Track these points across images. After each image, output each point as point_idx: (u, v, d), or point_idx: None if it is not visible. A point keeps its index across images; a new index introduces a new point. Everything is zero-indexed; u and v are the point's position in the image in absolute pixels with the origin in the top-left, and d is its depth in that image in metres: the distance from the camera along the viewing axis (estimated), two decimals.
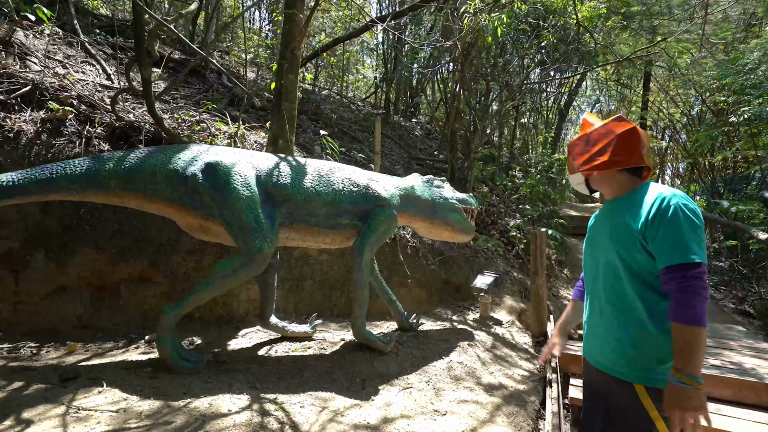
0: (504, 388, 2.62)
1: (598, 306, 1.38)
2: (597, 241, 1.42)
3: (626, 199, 1.34)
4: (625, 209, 1.31)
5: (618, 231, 1.30)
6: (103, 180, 2.38)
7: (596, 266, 1.40)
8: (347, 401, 2.19)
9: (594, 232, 1.47)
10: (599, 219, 1.46)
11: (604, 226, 1.39)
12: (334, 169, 2.78)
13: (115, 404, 1.88)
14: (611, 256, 1.31)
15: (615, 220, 1.33)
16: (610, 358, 1.31)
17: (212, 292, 2.34)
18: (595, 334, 1.39)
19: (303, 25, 3.94)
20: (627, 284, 1.27)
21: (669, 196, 1.21)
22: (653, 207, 1.21)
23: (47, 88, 3.33)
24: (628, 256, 1.26)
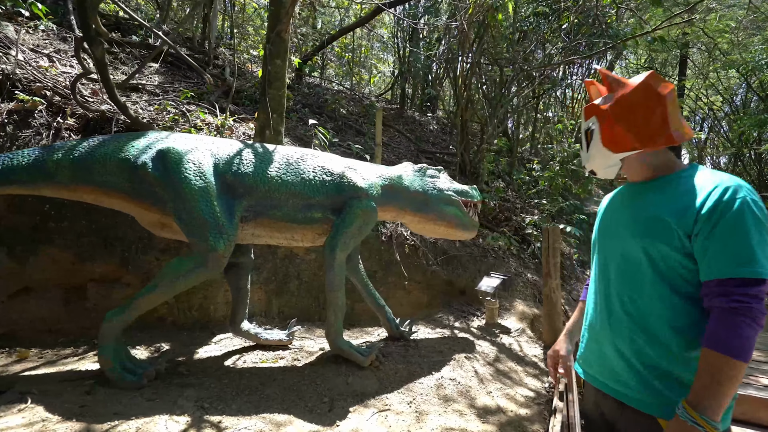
0: (502, 412, 2.21)
1: (607, 312, 1.08)
2: (612, 232, 1.12)
3: (663, 183, 1.04)
4: (661, 196, 1.01)
5: (648, 222, 1.00)
6: (51, 171, 2.15)
7: (607, 262, 1.11)
8: (305, 426, 1.85)
9: (608, 220, 1.16)
10: (616, 205, 1.16)
11: (625, 213, 1.09)
12: (305, 156, 2.45)
13: (29, 426, 1.63)
14: (634, 251, 1.02)
15: (645, 208, 1.03)
16: (622, 380, 1.02)
17: (160, 295, 2.06)
18: (599, 346, 1.10)
19: (289, 6, 3.65)
20: (650, 289, 0.99)
21: (733, 187, 0.90)
22: (710, 198, 0.91)
23: (20, 79, 3.18)
24: (657, 254, 0.97)
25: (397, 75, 10.52)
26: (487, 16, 4.68)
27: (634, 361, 1.00)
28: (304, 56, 7.80)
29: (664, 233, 0.96)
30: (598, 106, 1.09)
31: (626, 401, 1.01)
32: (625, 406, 1.01)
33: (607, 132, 1.06)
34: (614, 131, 1.05)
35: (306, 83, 8.00)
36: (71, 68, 3.96)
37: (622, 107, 1.04)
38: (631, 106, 1.03)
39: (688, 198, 0.95)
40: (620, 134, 1.04)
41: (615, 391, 1.04)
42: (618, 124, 1.04)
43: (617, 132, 1.04)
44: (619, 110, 1.04)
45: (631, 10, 5.14)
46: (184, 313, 3.05)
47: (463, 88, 5.98)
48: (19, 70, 3.24)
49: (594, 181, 6.70)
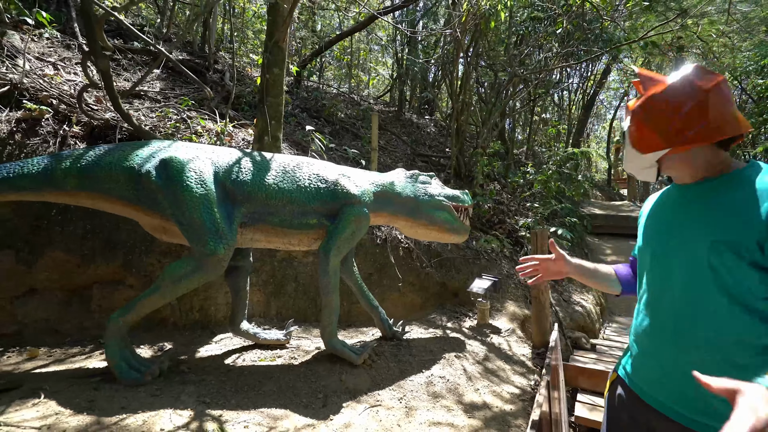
0: (488, 408, 2.33)
1: (675, 331, 0.97)
2: (670, 243, 1.01)
3: (722, 183, 0.94)
4: (721, 198, 0.93)
5: (712, 230, 0.91)
6: (58, 179, 2.27)
7: (667, 274, 1.01)
8: (301, 420, 1.97)
9: (661, 228, 1.05)
10: (667, 209, 1.06)
11: (683, 222, 0.99)
12: (301, 165, 2.57)
13: (43, 419, 1.74)
14: (698, 263, 0.92)
15: (704, 212, 0.94)
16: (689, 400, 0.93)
17: (162, 297, 2.18)
18: (657, 363, 1.01)
19: (287, 15, 3.77)
20: (718, 306, 0.90)
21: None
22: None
23: (27, 88, 3.30)
24: (721, 264, 0.88)
25: (395, 78, 10.65)
26: (480, 23, 4.79)
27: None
28: (303, 60, 7.93)
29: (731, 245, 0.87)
30: (630, 105, 1.05)
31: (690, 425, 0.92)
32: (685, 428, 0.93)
33: (634, 131, 1.02)
34: (641, 130, 1.01)
35: (304, 87, 8.12)
36: (75, 76, 4.08)
37: (650, 105, 1.00)
38: (658, 103, 0.98)
39: (752, 201, 0.86)
40: (646, 133, 0.99)
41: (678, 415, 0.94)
42: (645, 123, 1.00)
43: (644, 131, 1.00)
44: (647, 108, 1.00)
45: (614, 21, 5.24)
46: (185, 314, 3.16)
47: (458, 92, 6.10)
48: (26, 79, 3.36)
49: (587, 183, 6.81)
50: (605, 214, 9.44)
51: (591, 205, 10.45)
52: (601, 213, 9.48)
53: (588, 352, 3.81)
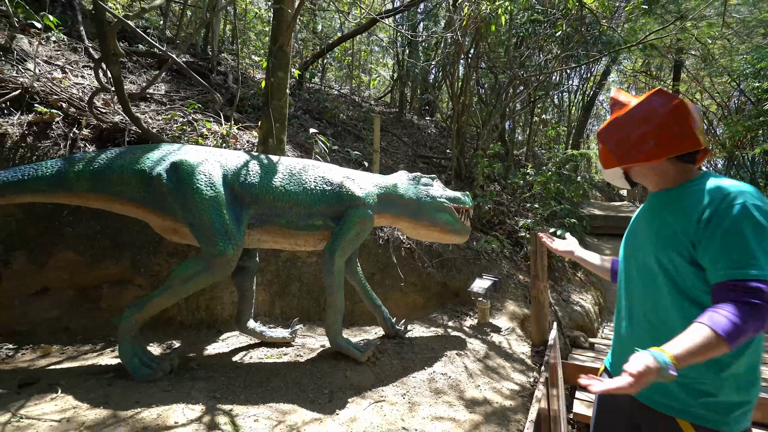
0: (488, 403, 2.40)
1: (630, 317, 1.15)
2: (636, 241, 1.18)
3: (676, 192, 1.08)
4: (676, 206, 1.05)
5: (660, 231, 1.05)
6: (71, 181, 2.34)
7: (631, 270, 1.17)
8: (308, 415, 2.04)
9: (635, 229, 1.22)
10: (643, 214, 1.21)
11: (646, 223, 1.15)
12: (307, 168, 2.64)
13: (62, 413, 1.82)
14: (649, 260, 1.08)
15: (661, 218, 1.08)
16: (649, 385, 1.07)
17: (173, 296, 2.25)
18: (625, 349, 1.15)
19: (291, 20, 3.84)
20: (666, 297, 1.03)
21: (733, 192, 0.95)
22: (710, 205, 0.96)
23: (38, 92, 3.37)
24: (669, 263, 1.02)
25: (396, 79, 10.72)
26: (481, 27, 4.87)
27: None
28: (305, 62, 8.00)
29: (673, 243, 1.00)
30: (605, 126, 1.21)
31: (651, 404, 1.08)
32: (651, 409, 1.08)
33: (599, 150, 1.22)
34: (601, 150, 1.19)
35: (306, 88, 8.19)
36: (83, 79, 4.15)
37: (610, 128, 1.16)
38: (616, 127, 1.14)
39: (691, 207, 0.99)
40: (605, 152, 1.18)
41: (642, 395, 1.09)
42: (604, 143, 1.18)
43: (603, 150, 1.19)
44: (607, 131, 1.17)
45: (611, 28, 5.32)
46: (192, 313, 3.23)
47: (459, 94, 6.17)
48: (37, 83, 3.43)
49: (587, 184, 6.89)
50: (605, 214, 9.52)
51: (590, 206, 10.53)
52: (601, 213, 9.56)
53: (586, 350, 3.88)
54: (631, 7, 5.83)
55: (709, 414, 0.99)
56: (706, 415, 1.00)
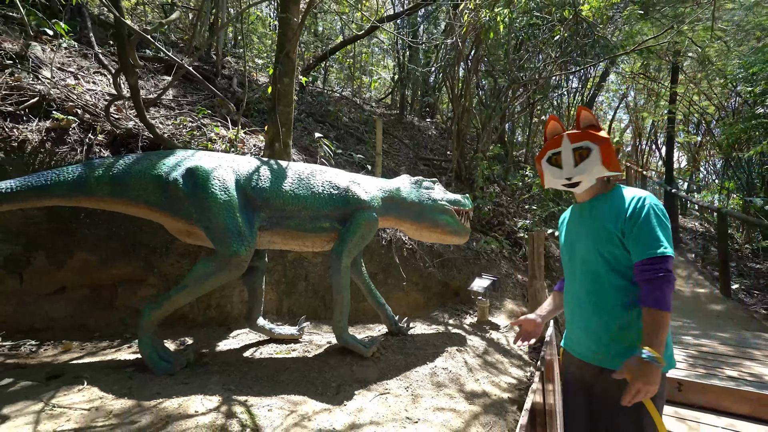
0: (487, 396, 2.54)
1: (578, 301, 1.45)
2: (575, 241, 1.49)
3: (603, 200, 1.43)
4: (604, 210, 1.40)
5: (598, 230, 1.38)
6: (92, 186, 2.47)
7: (574, 264, 1.47)
8: (318, 405, 2.17)
9: (571, 233, 1.53)
10: (575, 220, 1.53)
11: (582, 226, 1.47)
12: (315, 172, 2.78)
13: (90, 402, 1.95)
14: (591, 254, 1.39)
15: (595, 220, 1.41)
16: (593, 348, 1.40)
17: (189, 295, 2.39)
18: (576, 328, 1.47)
19: (297, 28, 3.98)
20: (605, 279, 1.36)
21: (643, 198, 1.33)
22: (630, 207, 1.33)
23: (54, 99, 3.51)
24: (607, 252, 1.35)
25: (397, 81, 10.85)
26: (480, 33, 5.00)
27: (602, 334, 1.37)
28: (307, 66, 8.13)
29: (608, 237, 1.35)
30: (596, 133, 1.41)
31: (602, 365, 1.37)
32: (602, 369, 1.37)
33: (606, 154, 1.38)
34: (611, 156, 1.39)
35: (309, 91, 8.33)
36: (94, 85, 4.29)
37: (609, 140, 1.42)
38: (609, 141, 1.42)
39: (618, 209, 1.35)
40: (615, 159, 1.40)
41: (588, 357, 1.42)
42: (612, 149, 1.40)
43: (612, 156, 1.40)
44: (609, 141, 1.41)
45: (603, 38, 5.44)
46: (203, 311, 3.37)
47: (459, 96, 6.31)
48: (53, 90, 3.57)
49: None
50: None
51: None
52: None
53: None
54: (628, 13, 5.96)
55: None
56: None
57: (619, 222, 1.33)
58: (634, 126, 17.13)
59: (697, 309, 5.53)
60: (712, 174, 15.01)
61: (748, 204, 7.56)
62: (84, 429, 1.74)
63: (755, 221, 5.57)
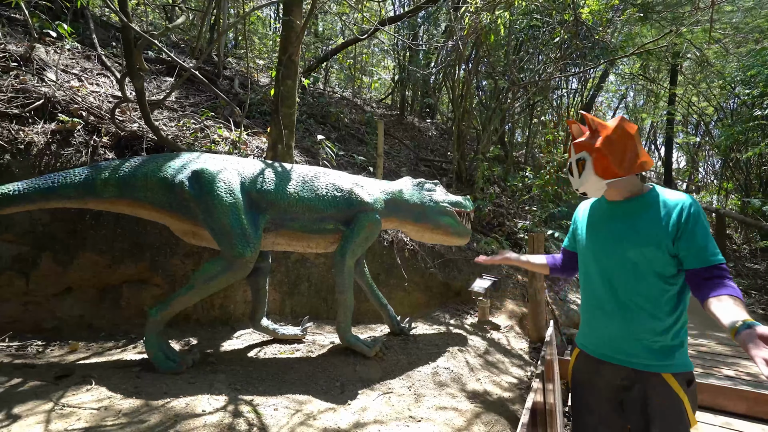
0: (488, 395, 2.58)
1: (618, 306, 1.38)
2: (608, 244, 1.41)
3: (643, 202, 1.37)
4: (647, 213, 1.34)
5: (643, 234, 1.33)
6: (99, 188, 2.51)
7: (601, 266, 1.42)
8: (323, 405, 2.21)
9: (597, 232, 1.46)
10: (602, 219, 1.46)
11: (613, 226, 1.41)
12: (319, 175, 2.81)
13: (99, 402, 1.99)
14: (636, 258, 1.34)
15: (632, 222, 1.36)
16: (630, 352, 1.35)
17: (196, 295, 2.42)
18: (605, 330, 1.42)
19: (299, 31, 4.01)
20: (651, 282, 1.32)
21: (690, 202, 1.30)
22: (683, 213, 1.28)
23: (59, 101, 3.54)
24: (653, 256, 1.31)
25: (397, 82, 10.88)
26: (481, 35, 5.04)
27: (641, 337, 1.33)
28: (308, 67, 8.16)
29: (656, 241, 1.30)
30: (589, 143, 1.40)
31: (640, 368, 1.34)
32: (638, 371, 1.34)
33: (598, 164, 1.37)
34: (604, 163, 1.36)
35: (310, 92, 8.36)
36: (98, 87, 4.32)
37: (608, 144, 1.35)
38: (613, 143, 1.35)
39: (661, 213, 1.31)
40: (609, 165, 1.36)
41: (629, 362, 1.35)
42: (606, 157, 1.35)
43: (607, 163, 1.36)
44: (606, 147, 1.36)
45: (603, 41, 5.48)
46: (207, 311, 3.41)
47: (459, 100, 6.35)
48: (58, 92, 3.60)
49: None
50: None
51: None
52: None
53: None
54: (627, 16, 6.01)
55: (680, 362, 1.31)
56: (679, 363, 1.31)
57: (668, 227, 1.29)
58: None
59: (695, 309, 5.57)
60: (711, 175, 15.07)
61: (746, 205, 7.61)
62: (94, 428, 1.77)
63: (753, 222, 5.61)
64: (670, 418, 1.29)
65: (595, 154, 1.37)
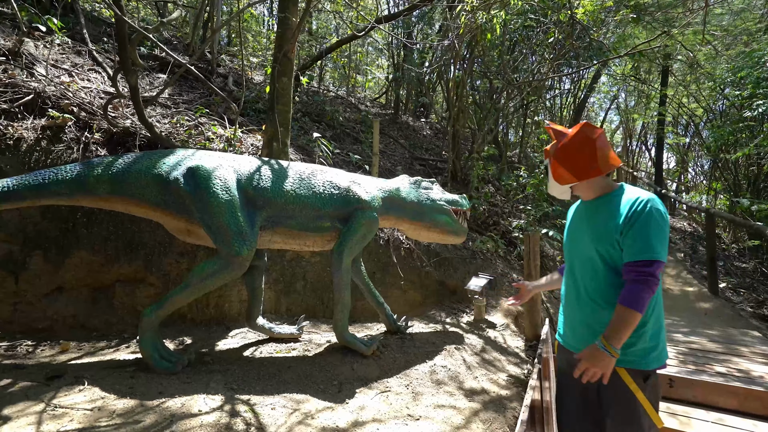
0: (486, 393, 2.58)
1: (577, 298, 1.49)
2: (577, 240, 1.53)
3: (606, 200, 1.45)
4: (606, 210, 1.42)
5: (599, 230, 1.41)
6: (91, 185, 2.46)
7: (575, 262, 1.52)
8: (320, 404, 2.19)
9: (573, 231, 1.58)
10: (577, 219, 1.57)
11: (583, 225, 1.50)
12: (315, 172, 2.79)
13: (92, 402, 1.95)
14: (592, 253, 1.43)
15: (596, 220, 1.44)
16: (589, 342, 1.42)
17: (191, 294, 2.39)
18: (573, 322, 1.51)
19: (295, 28, 3.98)
20: (604, 277, 1.41)
21: (645, 200, 1.34)
22: (632, 208, 1.34)
23: (49, 96, 3.47)
24: (605, 251, 1.39)
25: (392, 81, 10.87)
26: (477, 35, 5.05)
27: (597, 329, 1.41)
28: (303, 65, 8.11)
29: (607, 236, 1.38)
30: (548, 151, 1.55)
31: None
32: None
33: (554, 170, 1.51)
34: (558, 170, 1.49)
35: (305, 91, 8.31)
36: (89, 82, 4.24)
37: (563, 152, 1.48)
38: (568, 150, 1.47)
39: (619, 210, 1.38)
40: (563, 172, 1.48)
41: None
42: (560, 165, 1.48)
43: (560, 170, 1.49)
44: (561, 155, 1.49)
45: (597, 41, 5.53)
46: (202, 310, 3.36)
47: (454, 99, 6.36)
48: (48, 87, 3.53)
49: None
50: None
51: None
52: None
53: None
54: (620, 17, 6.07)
55: (635, 359, 1.36)
56: (633, 360, 1.36)
57: (619, 222, 1.36)
58: (625, 127, 17.40)
59: (686, 307, 5.65)
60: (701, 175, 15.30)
61: (735, 204, 7.74)
62: (88, 429, 1.74)
63: (742, 221, 5.70)
64: (622, 411, 1.36)
65: (552, 161, 1.50)
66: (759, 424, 2.58)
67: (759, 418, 2.67)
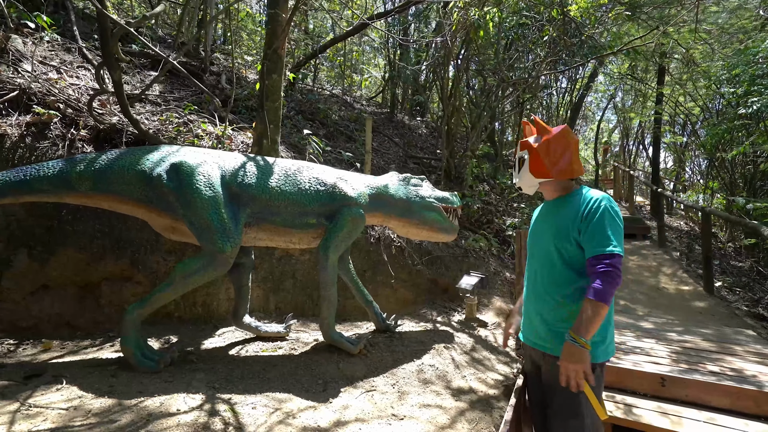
0: (473, 392, 2.55)
1: (534, 291, 1.55)
2: (539, 237, 1.57)
3: (566, 200, 1.51)
4: (565, 210, 1.48)
5: (558, 227, 1.47)
6: (74, 181, 2.42)
7: (535, 258, 1.58)
8: (303, 403, 2.16)
9: (536, 230, 1.62)
10: (540, 218, 1.62)
11: (546, 223, 1.55)
12: (302, 169, 2.76)
13: (69, 402, 1.91)
14: (550, 248, 1.48)
15: (557, 219, 1.50)
16: (542, 335, 1.49)
17: (174, 292, 2.35)
18: (531, 316, 1.56)
19: (285, 24, 3.94)
20: (560, 272, 1.46)
21: (599, 198, 1.42)
22: (587, 207, 1.42)
23: (35, 93, 3.43)
24: (563, 248, 1.45)
25: (388, 79, 10.83)
26: (471, 32, 5.02)
27: (551, 321, 1.46)
28: (297, 63, 8.08)
29: (566, 234, 1.44)
30: (531, 143, 1.55)
31: (545, 350, 1.48)
32: (545, 354, 1.48)
33: (534, 163, 1.52)
34: (538, 163, 1.51)
35: (299, 89, 8.27)
36: (78, 79, 4.20)
37: (546, 147, 1.50)
38: (551, 146, 1.50)
39: (577, 209, 1.44)
40: (542, 166, 1.50)
41: (539, 345, 1.51)
42: (542, 159, 1.50)
43: (540, 164, 1.51)
44: (544, 149, 1.51)
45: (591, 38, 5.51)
46: (189, 308, 3.33)
47: (449, 96, 6.33)
48: (34, 84, 3.49)
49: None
50: None
51: None
52: None
53: None
54: (615, 14, 6.05)
55: None
56: None
57: (576, 221, 1.42)
58: (622, 126, 17.39)
59: (680, 306, 5.63)
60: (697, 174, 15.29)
61: (731, 203, 7.72)
62: (61, 428, 1.70)
63: (738, 220, 5.68)
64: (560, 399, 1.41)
65: (532, 154, 1.52)
66: (751, 423, 2.55)
67: (751, 418, 2.64)
